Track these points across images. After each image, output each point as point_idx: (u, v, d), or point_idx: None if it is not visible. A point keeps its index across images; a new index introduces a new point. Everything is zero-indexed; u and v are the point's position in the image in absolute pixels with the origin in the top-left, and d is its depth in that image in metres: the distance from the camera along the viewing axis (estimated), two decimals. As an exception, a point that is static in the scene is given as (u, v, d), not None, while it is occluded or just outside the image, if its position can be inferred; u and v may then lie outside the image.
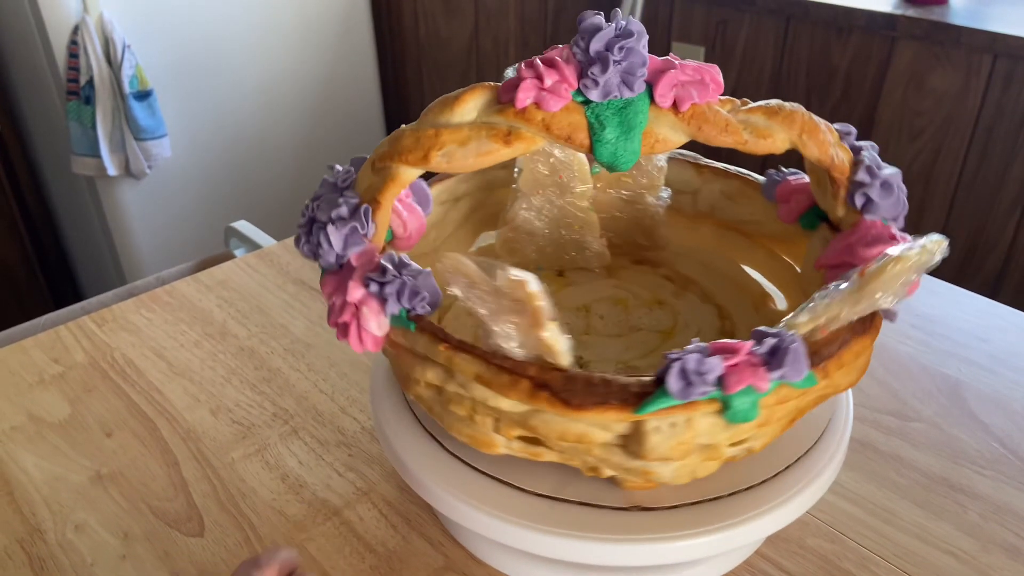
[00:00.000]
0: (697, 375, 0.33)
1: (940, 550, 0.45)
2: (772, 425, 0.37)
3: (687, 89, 0.36)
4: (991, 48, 1.14)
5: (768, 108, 0.38)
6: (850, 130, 0.42)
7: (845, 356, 0.36)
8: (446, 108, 0.37)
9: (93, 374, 0.59)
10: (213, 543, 0.46)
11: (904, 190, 0.41)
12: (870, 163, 0.40)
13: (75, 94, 1.50)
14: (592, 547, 0.38)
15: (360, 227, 0.38)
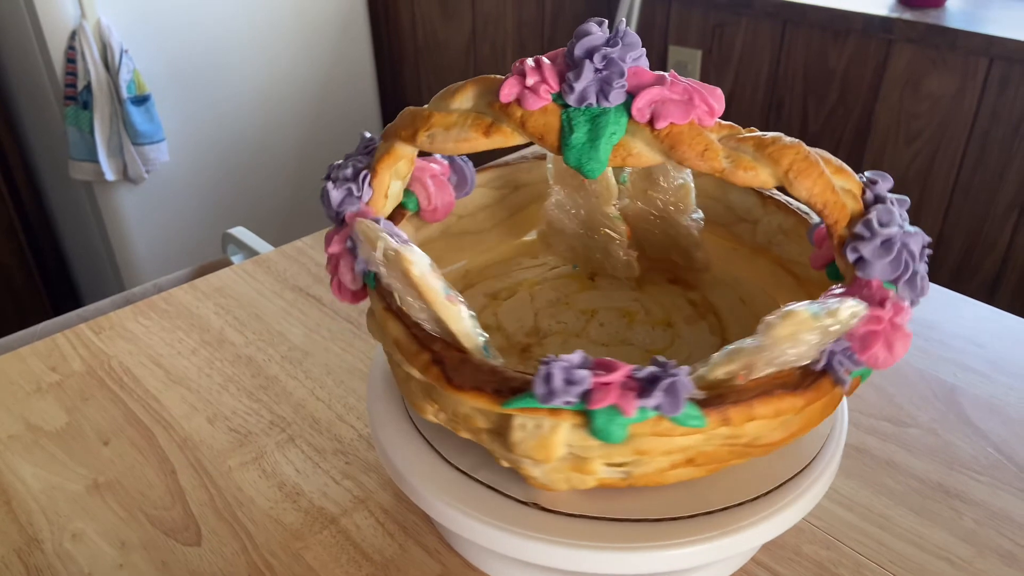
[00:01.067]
0: (565, 383, 0.33)
1: (935, 556, 0.46)
2: (658, 457, 0.36)
3: (667, 107, 0.35)
4: (987, 51, 1.14)
5: (761, 139, 0.36)
6: (882, 178, 0.39)
7: (760, 409, 0.34)
8: (449, 94, 0.40)
9: (90, 382, 0.59)
10: (210, 552, 0.46)
11: (917, 254, 0.37)
12: (876, 217, 0.37)
13: (73, 99, 1.50)
14: (591, 556, 0.38)
15: (356, 189, 0.42)
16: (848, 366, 0.35)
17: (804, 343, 0.34)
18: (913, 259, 0.37)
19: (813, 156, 0.36)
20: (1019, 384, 0.58)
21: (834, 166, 0.38)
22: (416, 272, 0.36)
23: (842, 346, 0.35)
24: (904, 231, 0.37)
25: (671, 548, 0.38)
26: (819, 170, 0.36)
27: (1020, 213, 1.20)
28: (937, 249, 1.31)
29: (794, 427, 0.37)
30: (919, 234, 0.38)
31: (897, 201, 0.38)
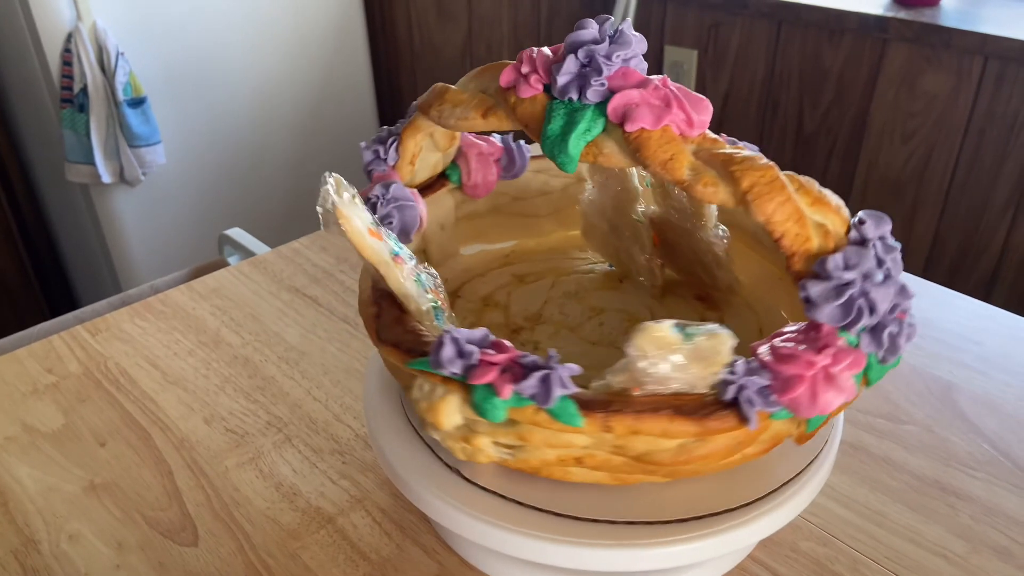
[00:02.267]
0: (454, 354, 0.34)
1: (931, 552, 0.46)
2: (543, 448, 0.36)
3: (640, 109, 0.35)
4: (982, 50, 1.15)
5: (731, 156, 0.35)
6: (876, 220, 0.35)
7: (646, 424, 0.34)
8: (472, 75, 0.42)
9: (87, 384, 0.59)
10: (207, 552, 0.46)
11: (881, 306, 0.34)
12: (840, 259, 0.34)
13: (69, 102, 1.50)
14: (586, 553, 0.38)
15: (382, 152, 0.46)
16: (759, 404, 0.33)
17: (669, 363, 0.33)
18: (872, 310, 0.33)
19: (782, 181, 0.34)
20: (1015, 381, 0.58)
21: (814, 197, 0.35)
22: (350, 228, 0.37)
23: (758, 383, 0.33)
24: (871, 280, 0.33)
25: (668, 545, 0.38)
26: (785, 197, 0.34)
27: (1016, 211, 1.20)
28: (933, 247, 1.32)
29: (698, 453, 0.35)
30: (895, 288, 0.34)
31: (885, 247, 0.35)
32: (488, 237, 0.56)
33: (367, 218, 0.38)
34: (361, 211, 0.38)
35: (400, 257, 0.40)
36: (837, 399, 0.33)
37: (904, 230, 1.34)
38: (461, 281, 0.55)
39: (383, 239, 0.39)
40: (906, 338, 0.35)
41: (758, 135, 1.46)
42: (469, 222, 0.55)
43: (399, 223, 0.45)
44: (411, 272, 0.40)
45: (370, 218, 0.39)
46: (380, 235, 0.39)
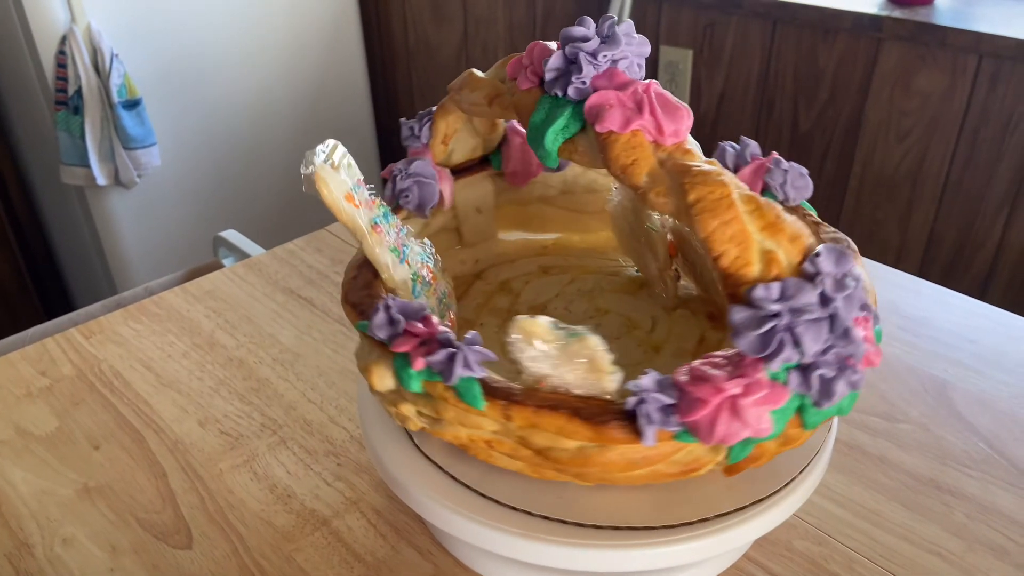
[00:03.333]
0: (385, 320, 0.36)
1: (927, 551, 0.46)
2: (455, 425, 0.37)
3: (612, 111, 0.34)
4: (976, 48, 1.15)
5: (689, 168, 0.34)
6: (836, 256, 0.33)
7: (543, 419, 0.34)
8: (500, 63, 0.42)
9: (80, 387, 0.59)
10: (201, 555, 0.46)
11: (808, 345, 0.31)
12: (775, 290, 0.32)
13: (63, 104, 1.50)
14: (581, 553, 0.38)
15: (416, 129, 0.48)
16: (658, 421, 0.32)
17: (548, 359, 0.33)
18: (797, 346, 0.31)
19: (731, 200, 0.33)
20: (1010, 379, 0.58)
21: (767, 221, 0.33)
22: (325, 192, 0.38)
23: (661, 399, 0.33)
24: (803, 316, 0.31)
25: (663, 545, 0.38)
26: (731, 216, 0.33)
27: (1011, 210, 1.20)
28: (929, 246, 1.32)
29: (597, 459, 0.35)
30: (834, 330, 0.32)
31: (837, 285, 0.32)
32: (531, 226, 0.57)
33: (346, 184, 0.39)
34: (341, 177, 0.39)
35: (379, 227, 0.41)
36: (741, 431, 0.32)
37: (900, 229, 1.34)
38: (490, 264, 0.56)
39: (360, 206, 0.40)
40: (847, 386, 0.32)
41: (753, 134, 1.46)
42: (513, 209, 0.56)
43: (416, 197, 0.47)
44: (395, 242, 0.42)
45: (350, 184, 0.40)
46: (357, 202, 0.40)
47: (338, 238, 0.77)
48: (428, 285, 0.45)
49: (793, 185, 0.43)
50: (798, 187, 0.44)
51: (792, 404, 0.33)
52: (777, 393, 0.32)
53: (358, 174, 0.42)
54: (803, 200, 0.45)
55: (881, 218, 1.35)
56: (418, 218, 0.50)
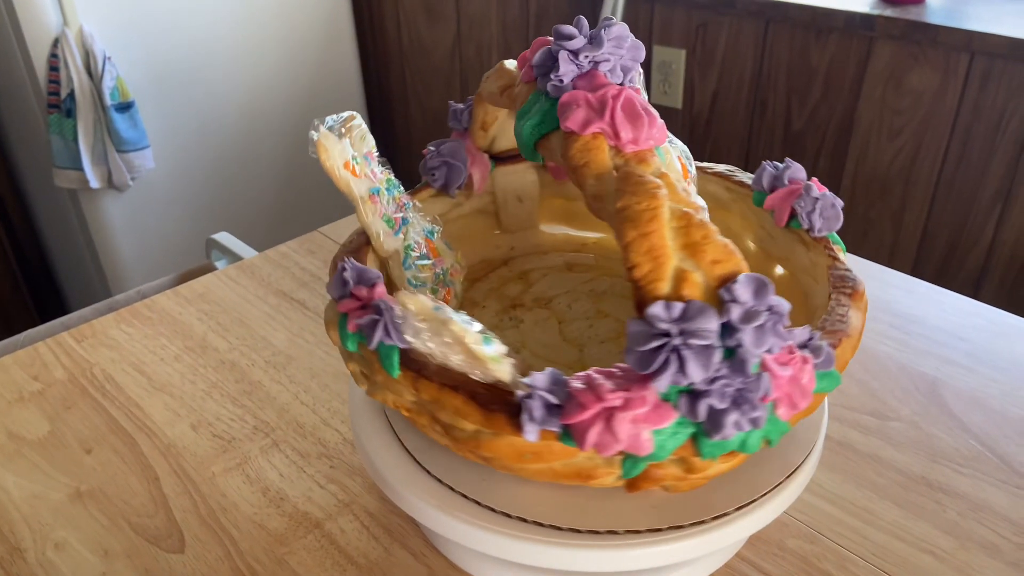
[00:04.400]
0: (340, 282, 0.38)
1: (918, 549, 0.46)
2: (390, 394, 0.38)
3: (576, 113, 0.34)
4: (968, 47, 1.15)
5: (627, 174, 0.33)
6: (755, 289, 0.31)
7: (444, 397, 0.35)
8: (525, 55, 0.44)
9: (72, 391, 0.59)
10: (194, 559, 0.46)
11: (693, 368, 0.30)
12: (662, 311, 0.31)
13: (56, 107, 1.49)
14: (574, 554, 0.38)
15: (458, 114, 0.51)
16: (539, 419, 0.32)
17: (418, 330, 0.33)
18: (681, 369, 0.30)
19: (657, 213, 0.32)
20: (1001, 376, 0.59)
21: (691, 241, 0.32)
22: (325, 158, 0.41)
23: (548, 398, 0.32)
24: (694, 341, 0.30)
25: (654, 545, 0.38)
26: (651, 230, 0.32)
27: (1004, 207, 1.21)
28: (922, 244, 1.32)
29: (487, 445, 0.35)
30: (727, 363, 0.31)
31: (746, 316, 0.31)
32: (575, 222, 0.58)
33: (347, 152, 0.42)
34: (341, 145, 0.42)
35: (376, 197, 0.44)
36: (613, 444, 0.31)
37: (893, 227, 1.34)
38: (523, 253, 0.57)
39: (360, 176, 0.43)
40: (746, 422, 0.31)
41: (747, 134, 1.46)
42: (560, 202, 0.57)
43: (443, 177, 0.50)
44: (392, 214, 0.45)
45: (350, 153, 0.42)
46: (357, 171, 0.43)
47: (331, 240, 0.77)
48: (426, 259, 0.47)
49: (822, 215, 0.43)
50: (827, 217, 0.43)
51: (683, 429, 0.32)
52: (661, 413, 0.31)
53: (370, 147, 0.45)
54: (831, 231, 0.44)
55: (874, 216, 1.35)
56: (447, 197, 0.53)
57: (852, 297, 0.41)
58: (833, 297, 0.41)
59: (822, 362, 0.35)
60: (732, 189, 0.51)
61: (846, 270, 0.42)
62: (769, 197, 0.46)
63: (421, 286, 0.48)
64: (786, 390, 0.32)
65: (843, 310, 0.40)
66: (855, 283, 0.42)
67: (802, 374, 0.33)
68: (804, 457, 0.42)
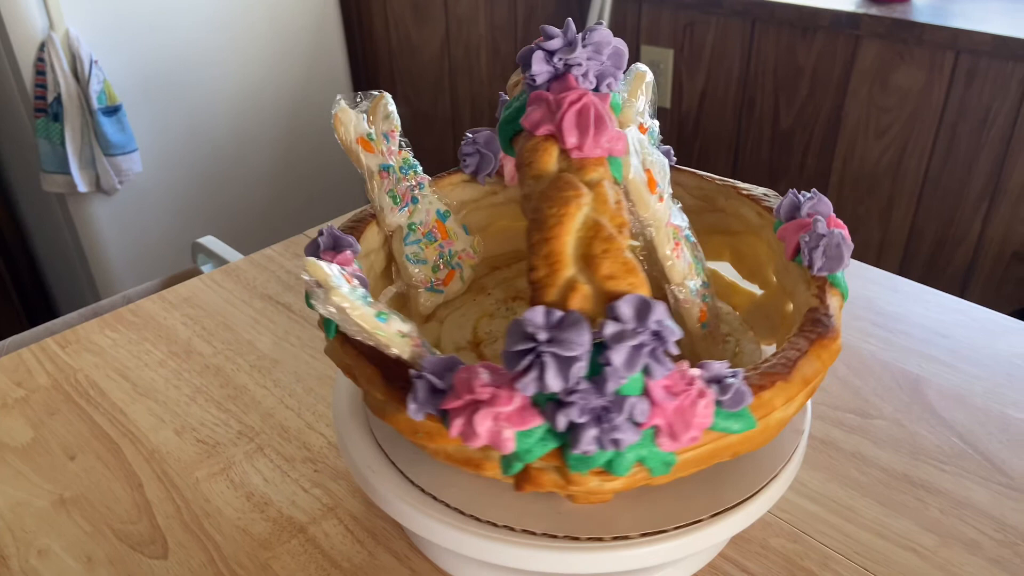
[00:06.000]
0: (315, 245, 0.42)
1: (901, 547, 0.46)
2: (335, 351, 0.40)
3: (532, 113, 0.35)
4: (953, 44, 1.16)
5: (558, 179, 0.33)
6: (631, 305, 0.30)
7: (360, 366, 0.37)
8: None
9: (56, 397, 0.59)
10: (177, 565, 0.46)
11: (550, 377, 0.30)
12: (538, 316, 0.30)
13: (43, 111, 1.49)
14: (557, 556, 0.38)
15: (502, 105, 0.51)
16: (420, 399, 0.33)
17: (328, 302, 0.33)
18: (540, 375, 0.30)
19: (564, 219, 0.32)
20: (983, 374, 0.59)
21: (590, 255, 0.32)
22: (340, 133, 0.45)
23: (434, 381, 0.33)
24: (555, 349, 0.30)
25: (636, 546, 0.38)
26: (555, 235, 0.32)
27: (990, 203, 1.21)
28: (909, 241, 1.33)
29: (391, 417, 0.37)
30: (587, 381, 0.30)
31: (618, 336, 0.30)
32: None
33: (362, 128, 0.46)
34: (359, 121, 0.46)
35: (386, 174, 0.48)
36: (473, 437, 0.31)
37: (881, 225, 1.35)
38: None
39: (374, 152, 0.47)
40: (608, 442, 0.30)
41: (735, 133, 1.47)
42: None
43: (474, 164, 0.52)
44: (401, 192, 0.48)
45: (365, 130, 0.46)
46: (374, 148, 0.47)
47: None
48: (432, 239, 0.50)
49: (825, 253, 0.41)
50: (829, 256, 0.41)
51: (551, 437, 0.32)
52: (524, 415, 0.31)
53: (392, 126, 0.48)
54: (832, 272, 0.41)
55: (862, 214, 1.36)
56: (480, 184, 0.54)
57: (816, 343, 0.38)
58: (793, 339, 0.38)
59: (728, 400, 0.33)
60: (763, 215, 0.48)
61: (825, 315, 0.39)
62: (781, 228, 0.44)
63: (420, 263, 0.50)
64: (669, 420, 0.31)
65: (793, 354, 0.37)
66: (826, 331, 0.38)
67: (694, 407, 0.32)
68: (787, 458, 0.42)
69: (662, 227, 0.42)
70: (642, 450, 0.32)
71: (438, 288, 0.51)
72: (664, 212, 0.42)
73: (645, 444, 0.32)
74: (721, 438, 0.35)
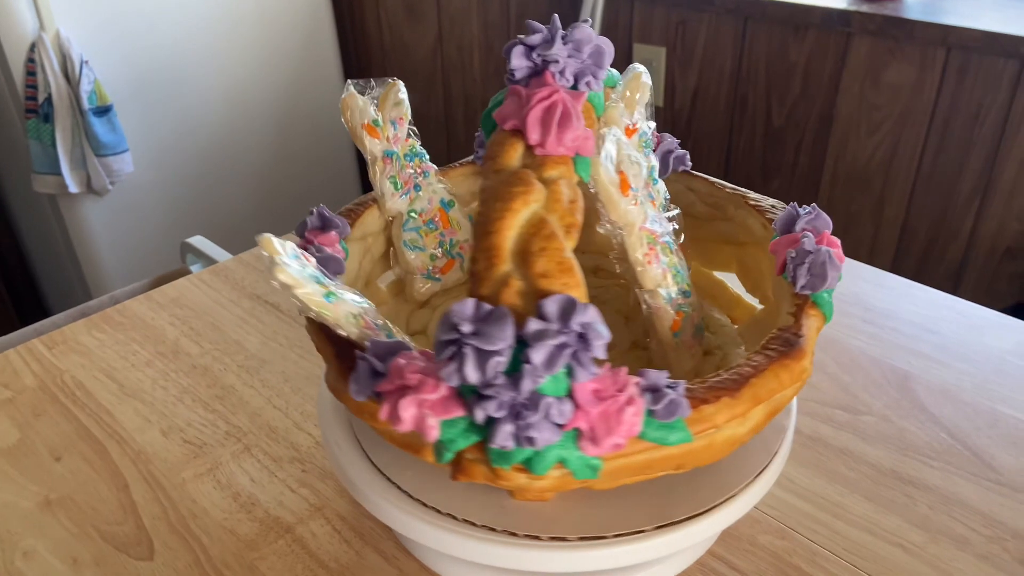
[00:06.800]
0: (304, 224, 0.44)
1: (889, 543, 0.46)
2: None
3: (504, 108, 0.35)
4: (944, 41, 1.16)
5: (511, 174, 0.33)
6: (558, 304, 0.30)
7: (320, 342, 0.39)
8: None
9: (42, 398, 0.58)
10: (163, 566, 0.46)
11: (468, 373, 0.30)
12: (464, 310, 0.30)
13: (34, 112, 1.48)
14: (544, 555, 0.38)
15: None
16: (361, 380, 0.33)
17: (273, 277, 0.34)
18: (460, 366, 0.30)
19: (506, 215, 0.32)
20: (972, 369, 0.59)
21: (529, 250, 0.32)
22: (346, 118, 0.47)
23: (374, 364, 0.33)
24: (476, 342, 0.30)
25: (624, 544, 0.38)
26: (496, 230, 0.32)
27: (982, 199, 1.22)
28: (902, 238, 1.33)
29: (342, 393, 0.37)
30: (493, 364, 0.30)
31: (539, 334, 0.30)
32: None
33: (369, 115, 0.48)
34: (365, 107, 0.48)
35: (389, 159, 0.49)
36: (397, 422, 0.31)
37: (873, 222, 1.35)
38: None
39: (380, 138, 0.48)
40: (523, 440, 0.30)
41: (727, 131, 1.47)
42: None
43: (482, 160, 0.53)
44: (404, 179, 0.49)
45: (372, 116, 0.48)
46: (380, 134, 0.48)
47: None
48: (433, 227, 0.50)
49: (809, 271, 0.39)
50: (813, 275, 0.39)
51: (473, 428, 0.32)
52: (447, 405, 0.31)
53: (401, 114, 0.49)
54: (815, 292, 0.40)
55: (855, 211, 1.36)
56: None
57: (777, 362, 0.36)
58: (752, 355, 0.37)
59: (661, 411, 0.32)
60: (767, 227, 0.47)
61: (794, 334, 0.38)
62: (774, 241, 0.43)
63: (418, 250, 0.50)
64: (592, 423, 0.31)
65: (747, 370, 0.36)
66: (790, 350, 0.37)
67: (620, 414, 0.31)
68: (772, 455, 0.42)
69: (634, 231, 0.41)
70: (563, 451, 0.32)
71: (435, 276, 0.51)
72: (637, 215, 0.41)
73: (566, 446, 0.31)
74: (655, 449, 0.34)
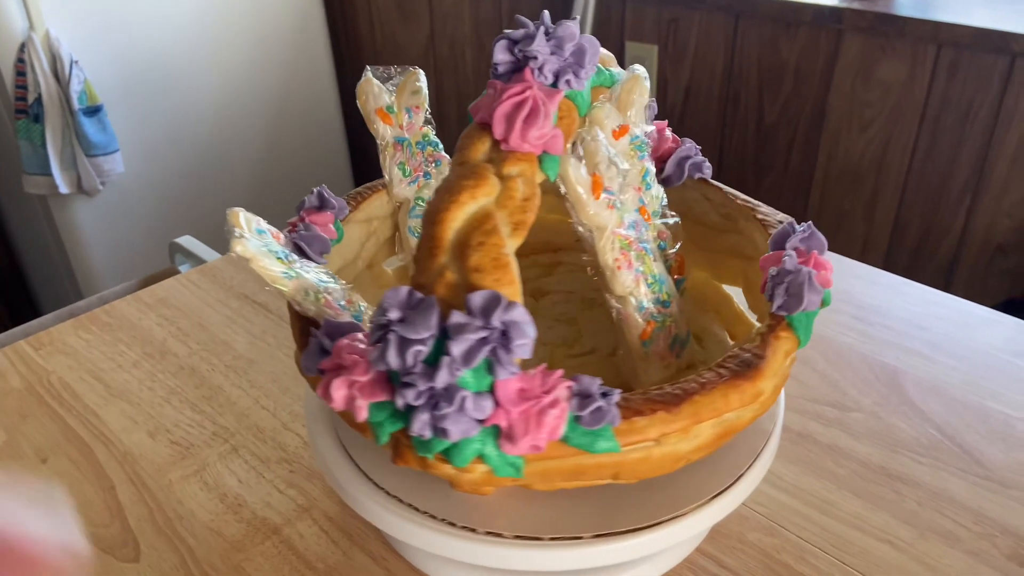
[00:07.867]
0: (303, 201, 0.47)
1: (878, 539, 0.46)
2: None
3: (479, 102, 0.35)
4: (935, 38, 1.16)
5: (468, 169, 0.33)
6: (484, 300, 0.30)
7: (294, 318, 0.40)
8: None
9: (29, 399, 0.58)
10: (149, 568, 0.45)
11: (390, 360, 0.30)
12: (393, 299, 0.31)
13: (24, 112, 1.47)
14: (535, 554, 0.38)
15: None
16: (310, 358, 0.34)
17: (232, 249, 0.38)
18: (383, 351, 0.30)
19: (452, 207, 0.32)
20: (961, 365, 0.59)
21: (467, 245, 0.32)
22: (362, 101, 0.49)
23: (322, 343, 0.34)
24: (397, 333, 0.30)
25: (612, 541, 0.38)
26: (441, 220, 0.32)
27: (973, 196, 1.22)
28: (894, 234, 1.33)
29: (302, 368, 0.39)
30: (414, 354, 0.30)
31: (458, 327, 0.30)
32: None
33: (383, 100, 0.50)
34: (380, 94, 0.50)
35: (400, 146, 0.50)
36: (329, 400, 0.32)
37: (865, 219, 1.35)
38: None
39: (392, 124, 0.50)
40: (435, 427, 0.30)
41: (720, 128, 1.46)
42: None
43: None
44: (413, 166, 0.50)
45: (387, 103, 0.50)
46: (393, 120, 0.50)
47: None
48: None
49: (787, 291, 0.38)
50: (791, 295, 0.38)
51: (399, 414, 0.32)
52: (375, 388, 0.31)
53: (418, 102, 0.50)
54: (790, 313, 0.38)
55: (848, 208, 1.36)
56: None
57: (728, 382, 0.35)
58: (703, 371, 0.36)
59: (587, 417, 0.32)
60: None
61: (755, 355, 0.37)
62: (763, 258, 0.42)
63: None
64: (512, 422, 0.31)
65: (692, 386, 0.35)
66: (745, 371, 0.36)
67: (541, 415, 0.31)
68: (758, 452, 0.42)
69: (604, 234, 0.41)
70: (481, 447, 0.31)
71: None
72: (609, 219, 0.40)
73: (484, 441, 0.31)
74: (583, 455, 0.33)
